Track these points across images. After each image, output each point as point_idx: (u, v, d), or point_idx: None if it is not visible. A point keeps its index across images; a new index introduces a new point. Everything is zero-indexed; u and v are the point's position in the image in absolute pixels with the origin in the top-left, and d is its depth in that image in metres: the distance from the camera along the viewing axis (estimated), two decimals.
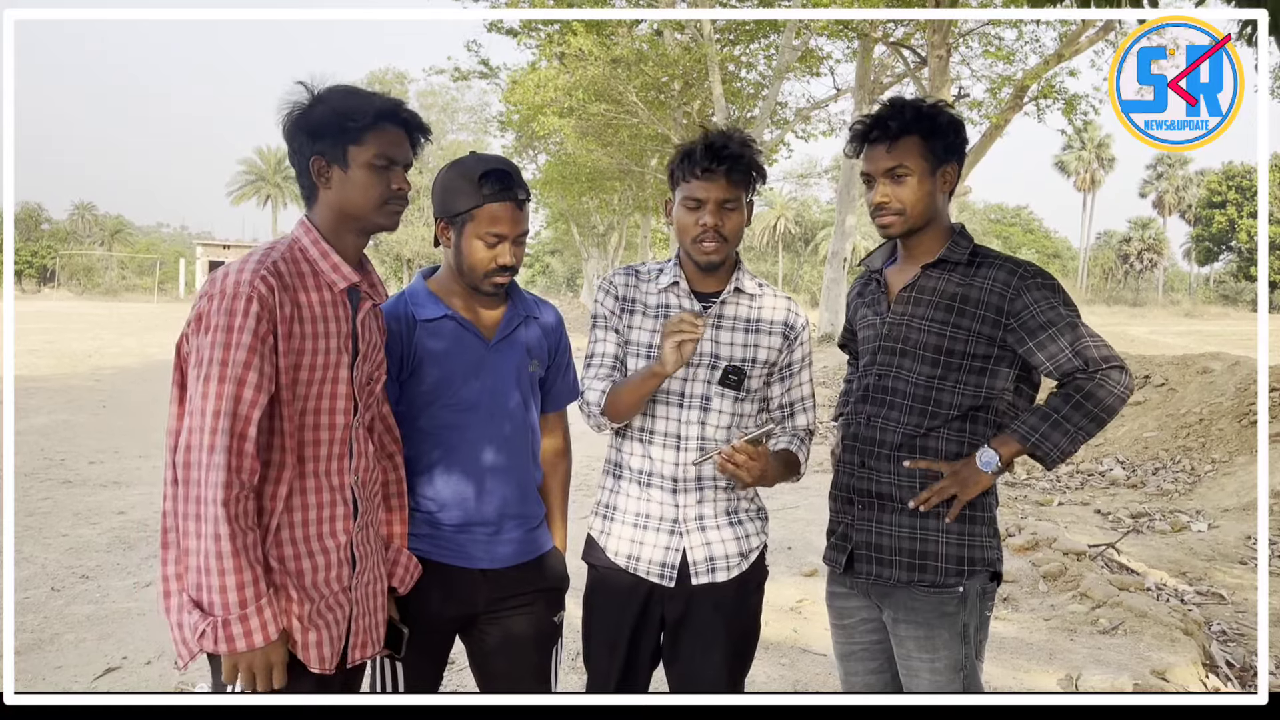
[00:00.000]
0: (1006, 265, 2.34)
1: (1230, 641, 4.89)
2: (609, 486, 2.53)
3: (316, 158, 2.03)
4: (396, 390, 2.34)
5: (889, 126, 2.34)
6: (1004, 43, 18.77)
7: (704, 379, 2.40)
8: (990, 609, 2.43)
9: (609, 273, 2.58)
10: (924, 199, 2.35)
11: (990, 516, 2.40)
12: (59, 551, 5.97)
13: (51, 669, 4.17)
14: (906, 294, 2.42)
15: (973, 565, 2.35)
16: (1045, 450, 2.28)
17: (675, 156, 2.41)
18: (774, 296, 2.51)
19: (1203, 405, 10.17)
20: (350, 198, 2.04)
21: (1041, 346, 2.27)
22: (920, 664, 2.35)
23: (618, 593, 2.44)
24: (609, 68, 20.33)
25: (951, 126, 2.37)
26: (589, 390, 2.48)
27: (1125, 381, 2.25)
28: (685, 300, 2.45)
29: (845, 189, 21.02)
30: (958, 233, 2.43)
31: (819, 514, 7.22)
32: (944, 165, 2.37)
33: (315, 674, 2.00)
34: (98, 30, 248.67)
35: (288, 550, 1.97)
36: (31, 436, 9.94)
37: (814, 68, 22.12)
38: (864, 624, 2.51)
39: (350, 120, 2.01)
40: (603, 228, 44.90)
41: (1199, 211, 64.59)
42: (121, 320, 34.09)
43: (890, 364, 2.41)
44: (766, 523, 2.54)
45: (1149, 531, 7.26)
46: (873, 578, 2.41)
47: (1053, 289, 2.31)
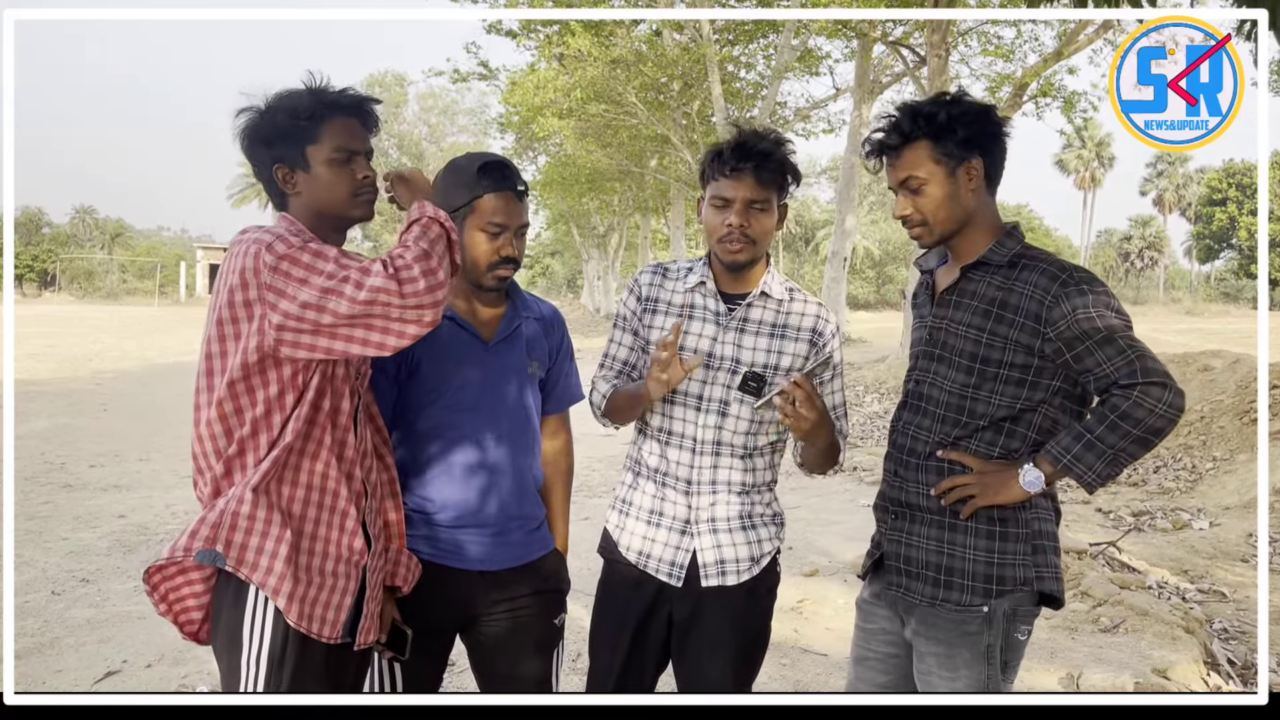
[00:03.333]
0: (1049, 270, 2.16)
1: (1232, 639, 4.88)
2: (628, 482, 2.52)
3: (278, 166, 2.05)
4: (394, 391, 2.34)
5: (893, 138, 2.25)
6: (1003, 41, 18.77)
7: (723, 383, 2.37)
8: (1025, 632, 2.25)
9: (638, 270, 2.56)
10: (946, 203, 2.23)
11: (1029, 533, 2.22)
12: (59, 555, 5.97)
13: (52, 673, 4.16)
14: (948, 297, 2.30)
15: (1002, 584, 2.20)
16: (1078, 473, 2.11)
17: (706, 155, 2.39)
18: (804, 301, 2.45)
19: (1204, 403, 10.16)
20: (320, 197, 2.05)
21: (1079, 359, 2.11)
22: (940, 682, 2.25)
23: (627, 587, 2.43)
24: (608, 68, 20.33)
25: (962, 120, 2.22)
26: (595, 390, 2.49)
27: (1168, 399, 2.03)
28: (711, 301, 2.42)
29: (845, 189, 21.00)
30: (1006, 232, 2.27)
31: (819, 514, 7.27)
32: (965, 161, 2.22)
33: (325, 649, 2.00)
34: (98, 32, 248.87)
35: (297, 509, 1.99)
36: (32, 440, 9.94)
37: (813, 67, 22.12)
38: (884, 634, 2.42)
39: (299, 119, 2.01)
40: (603, 229, 44.92)
41: (1199, 209, 64.56)
42: (122, 324, 34.11)
43: (929, 370, 2.31)
44: (783, 528, 2.51)
45: (1150, 529, 7.25)
46: (901, 590, 2.31)
47: (1096, 296, 2.12)
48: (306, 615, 1.97)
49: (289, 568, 1.94)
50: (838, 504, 7.70)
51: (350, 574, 2.05)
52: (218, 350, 1.95)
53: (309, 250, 1.89)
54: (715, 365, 2.38)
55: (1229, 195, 59.83)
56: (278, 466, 1.96)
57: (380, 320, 1.84)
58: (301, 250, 1.88)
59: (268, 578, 1.93)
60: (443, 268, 1.89)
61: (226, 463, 1.96)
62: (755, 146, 2.30)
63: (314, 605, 1.98)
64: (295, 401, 1.96)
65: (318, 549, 2.01)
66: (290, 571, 1.94)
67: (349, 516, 2.05)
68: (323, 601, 2.00)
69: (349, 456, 2.06)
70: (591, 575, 2.64)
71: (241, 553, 1.93)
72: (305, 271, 1.86)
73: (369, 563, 2.09)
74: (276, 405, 1.95)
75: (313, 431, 2.00)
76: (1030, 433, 2.22)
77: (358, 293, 1.81)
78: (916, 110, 2.25)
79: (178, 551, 1.92)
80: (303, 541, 1.99)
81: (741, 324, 2.40)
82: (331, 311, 1.83)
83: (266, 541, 1.94)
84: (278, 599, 1.93)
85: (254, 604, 1.95)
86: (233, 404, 1.94)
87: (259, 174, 2.10)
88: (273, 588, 1.93)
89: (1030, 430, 2.22)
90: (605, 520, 2.56)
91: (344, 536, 2.04)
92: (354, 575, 2.06)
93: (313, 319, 1.84)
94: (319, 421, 2.00)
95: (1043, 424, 2.22)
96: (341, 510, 2.04)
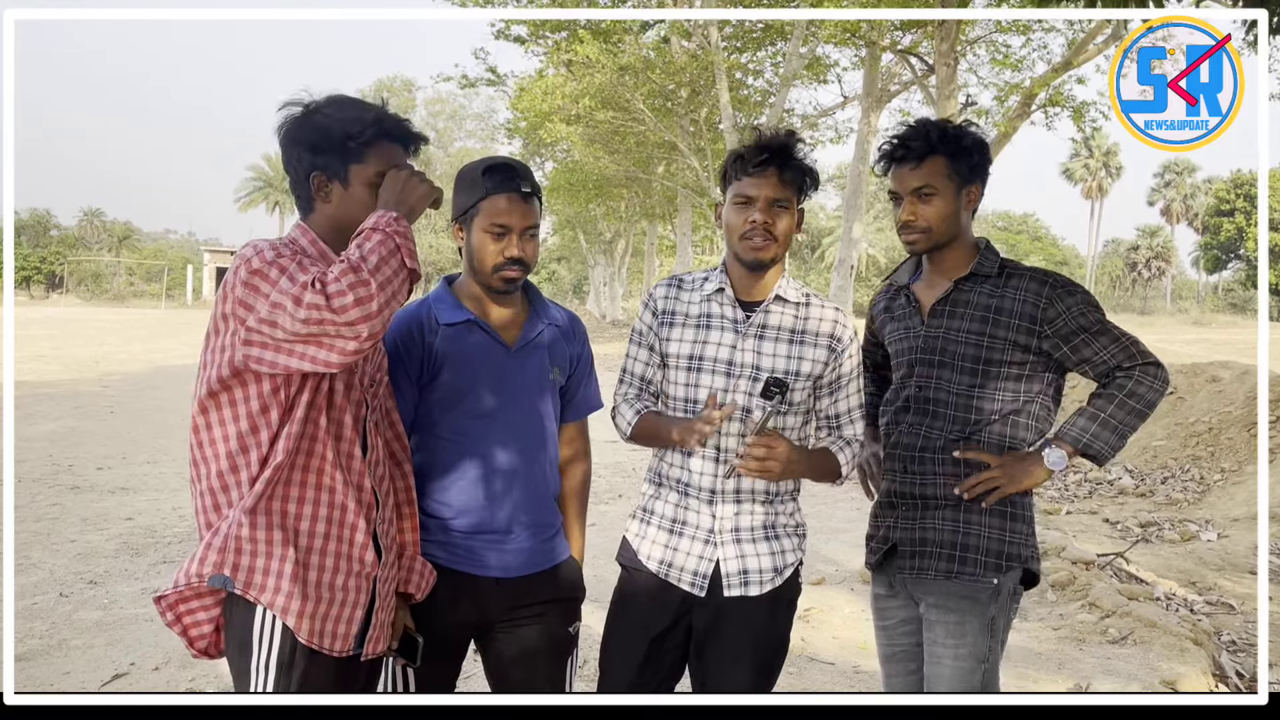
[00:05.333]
0: (1036, 276, 2.46)
1: (1240, 651, 4.86)
2: (649, 492, 2.52)
3: (317, 173, 2.05)
4: (415, 394, 2.34)
5: (916, 147, 2.43)
6: (1011, 50, 18.75)
7: (745, 390, 2.36)
8: (1015, 611, 2.50)
9: (654, 284, 2.57)
10: (948, 217, 2.46)
11: (1030, 515, 2.49)
12: (67, 557, 5.98)
13: (59, 675, 4.17)
14: (941, 307, 2.50)
15: (1010, 561, 2.42)
16: (1098, 449, 2.38)
17: (728, 157, 2.42)
18: (820, 306, 2.46)
19: (1212, 414, 10.13)
20: (350, 215, 2.05)
21: (1077, 350, 2.39)
22: (945, 650, 2.40)
23: (648, 596, 2.42)
24: (616, 75, 20.34)
25: (976, 148, 2.47)
26: (619, 415, 2.49)
27: (1163, 375, 2.38)
28: (729, 309, 2.42)
29: (851, 197, 20.99)
30: (984, 248, 2.53)
31: (826, 523, 7.26)
32: (969, 185, 2.48)
33: (335, 661, 2.01)
34: (105, 35, 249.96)
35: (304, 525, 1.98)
36: (39, 442, 9.96)
37: (821, 75, 22.12)
38: (903, 625, 2.57)
39: (352, 139, 2.01)
40: (609, 235, 44.93)
41: (1207, 219, 64.40)
42: (129, 326, 34.19)
43: (929, 375, 2.49)
44: (804, 539, 2.51)
45: (1158, 541, 7.22)
46: (914, 571, 2.46)
47: (1081, 295, 2.42)
48: (317, 631, 1.98)
49: (295, 585, 1.95)
50: (844, 512, 7.69)
51: (360, 586, 2.05)
52: (206, 360, 1.97)
53: (277, 265, 1.87)
54: (736, 373, 2.37)
55: (1237, 205, 59.67)
56: (273, 484, 1.96)
57: (324, 337, 1.80)
58: (271, 265, 1.87)
59: (275, 597, 1.95)
60: (377, 280, 1.80)
61: (219, 477, 1.97)
62: (777, 145, 2.33)
63: (324, 620, 1.99)
64: (282, 418, 1.95)
65: (327, 564, 2.01)
66: (298, 589, 1.95)
67: (358, 529, 2.04)
68: (333, 616, 2.00)
69: (357, 468, 2.05)
70: (599, 582, 2.63)
71: (250, 575, 1.95)
72: (269, 286, 1.84)
73: (379, 574, 2.09)
74: (262, 421, 1.94)
75: (314, 447, 1.99)
76: (1033, 422, 2.47)
77: (298, 310, 1.78)
78: (942, 129, 2.46)
79: (192, 578, 1.95)
80: (311, 557, 1.99)
81: (760, 330, 2.40)
82: (282, 328, 1.81)
83: (271, 562, 1.95)
84: (286, 618, 1.95)
85: (262, 619, 1.97)
86: (216, 414, 1.96)
87: (290, 170, 2.09)
88: (281, 607, 1.95)
89: (1032, 420, 2.47)
90: (625, 529, 2.55)
91: (353, 550, 2.04)
92: (364, 588, 2.06)
93: (268, 333, 1.83)
94: (319, 437, 1.99)
95: (1039, 413, 2.48)
96: (350, 523, 2.03)
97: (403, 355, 2.31)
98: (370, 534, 2.07)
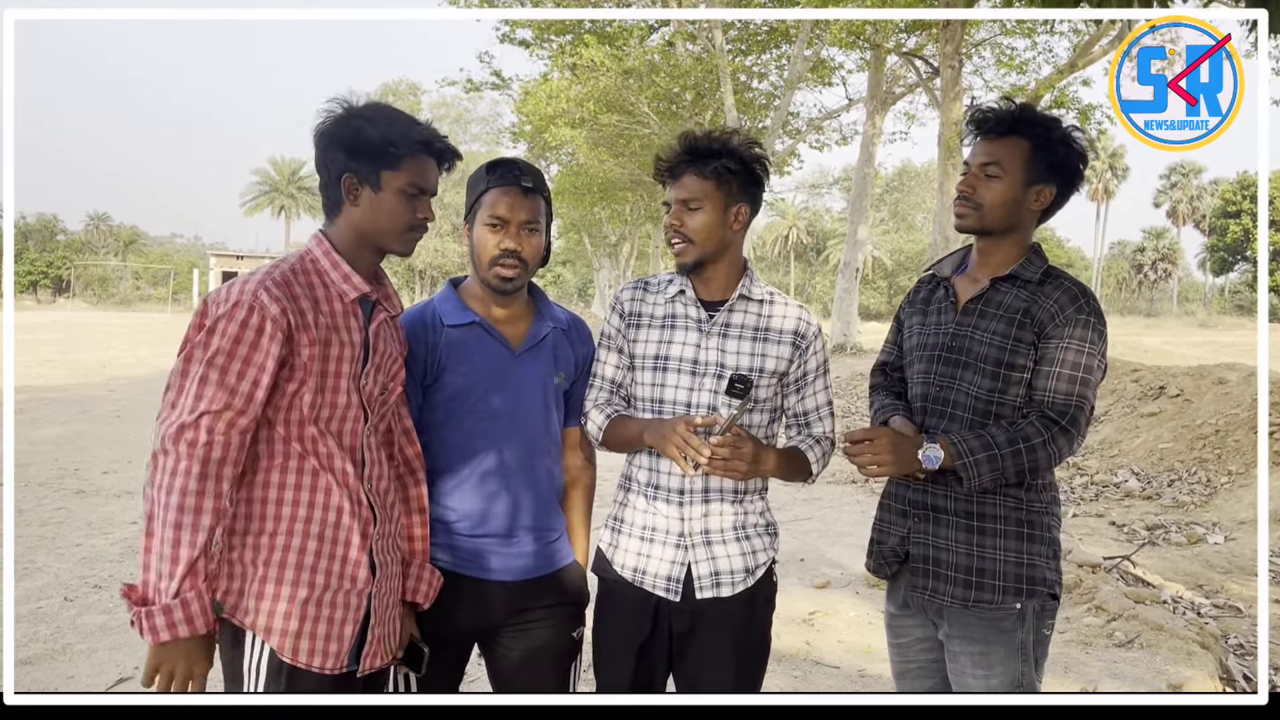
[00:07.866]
0: (1072, 291, 2.29)
1: (1247, 655, 4.83)
2: (619, 500, 2.51)
3: (349, 175, 2.05)
4: (420, 396, 2.34)
5: (1002, 122, 2.31)
6: (1016, 53, 18.74)
7: (710, 389, 2.36)
8: (1050, 627, 2.35)
9: (619, 288, 2.57)
10: (1007, 204, 2.31)
11: (1051, 537, 2.33)
12: (72, 561, 5.98)
13: (63, 679, 4.17)
14: (974, 305, 2.37)
15: (1032, 584, 2.28)
16: (969, 475, 2.22)
17: None
18: (784, 305, 2.46)
19: (1218, 416, 10.09)
20: (376, 220, 2.07)
21: (1038, 375, 2.26)
22: (975, 681, 2.29)
23: (626, 606, 2.42)
24: (621, 79, 20.37)
25: (1062, 145, 2.30)
26: (589, 420, 2.48)
27: (1066, 451, 2.22)
28: (691, 309, 2.42)
29: (857, 199, 20.98)
30: (1035, 250, 2.38)
31: (831, 526, 7.24)
32: (1041, 184, 2.31)
33: (328, 678, 2.00)
34: (106, 36, 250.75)
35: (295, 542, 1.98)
36: (45, 447, 9.98)
37: (826, 78, 22.14)
38: (919, 643, 2.46)
39: (393, 146, 2.03)
40: (614, 238, 44.97)
41: (1213, 221, 64.29)
42: (135, 330, 34.28)
43: (950, 375, 2.36)
44: (776, 538, 2.50)
45: (1165, 544, 7.20)
46: (929, 593, 2.35)
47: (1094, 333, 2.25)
48: (305, 650, 1.97)
49: (280, 605, 1.95)
50: (849, 516, 7.66)
51: (352, 604, 2.04)
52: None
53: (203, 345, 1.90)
54: (701, 371, 2.37)
55: (1243, 207, 59.57)
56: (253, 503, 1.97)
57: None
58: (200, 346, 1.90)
59: (258, 619, 1.95)
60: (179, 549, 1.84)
61: None
62: (685, 147, 2.38)
63: (312, 639, 1.98)
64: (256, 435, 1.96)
65: (318, 581, 1.99)
66: (286, 610, 1.95)
67: (351, 545, 2.03)
68: (321, 634, 1.99)
69: (352, 485, 2.04)
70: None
71: (239, 599, 1.96)
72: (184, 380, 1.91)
73: (373, 589, 2.08)
74: None
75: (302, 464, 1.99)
76: None
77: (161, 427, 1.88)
78: (1041, 117, 2.32)
79: None
80: (302, 575, 1.98)
81: (724, 329, 2.40)
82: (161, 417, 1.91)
83: (256, 585, 1.95)
84: (270, 639, 1.95)
85: (250, 640, 1.97)
86: None
87: (321, 170, 2.10)
88: (264, 627, 1.95)
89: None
90: (598, 540, 2.55)
91: (345, 567, 2.03)
92: (358, 604, 2.05)
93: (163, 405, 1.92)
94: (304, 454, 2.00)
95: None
96: (344, 540, 2.03)
97: (406, 356, 2.31)
98: (366, 550, 2.05)
